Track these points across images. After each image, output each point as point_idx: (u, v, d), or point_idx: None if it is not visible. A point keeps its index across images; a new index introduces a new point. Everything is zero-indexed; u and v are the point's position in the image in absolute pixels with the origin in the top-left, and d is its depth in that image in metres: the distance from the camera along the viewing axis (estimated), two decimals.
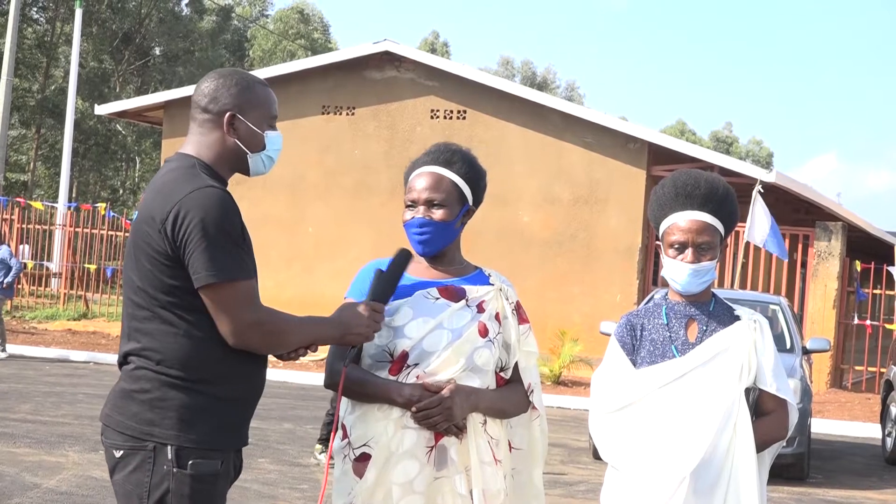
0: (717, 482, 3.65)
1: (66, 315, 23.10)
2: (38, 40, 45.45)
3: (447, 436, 3.41)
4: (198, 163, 3.30)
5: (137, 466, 3.20)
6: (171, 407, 3.18)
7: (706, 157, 19.77)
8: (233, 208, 3.19)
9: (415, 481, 3.38)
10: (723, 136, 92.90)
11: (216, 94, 3.34)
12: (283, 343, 3.26)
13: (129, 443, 3.22)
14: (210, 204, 3.14)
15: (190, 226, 3.12)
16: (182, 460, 3.16)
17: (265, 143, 3.39)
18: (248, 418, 3.35)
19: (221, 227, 3.13)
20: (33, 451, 9.46)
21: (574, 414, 15.04)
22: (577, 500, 9.15)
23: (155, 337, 3.21)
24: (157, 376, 3.20)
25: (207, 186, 3.18)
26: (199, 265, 3.12)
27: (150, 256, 3.19)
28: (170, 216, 3.15)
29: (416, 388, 3.39)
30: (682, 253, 3.76)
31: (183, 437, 3.17)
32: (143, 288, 3.22)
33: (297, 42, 61.62)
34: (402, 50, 20.98)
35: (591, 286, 19.71)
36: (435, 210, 3.54)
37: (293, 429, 11.58)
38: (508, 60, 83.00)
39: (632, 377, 3.78)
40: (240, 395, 3.27)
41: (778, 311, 12.27)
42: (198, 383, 3.19)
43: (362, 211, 20.83)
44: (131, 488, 3.22)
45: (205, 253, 3.11)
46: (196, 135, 3.37)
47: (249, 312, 3.17)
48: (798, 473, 10.91)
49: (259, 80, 3.43)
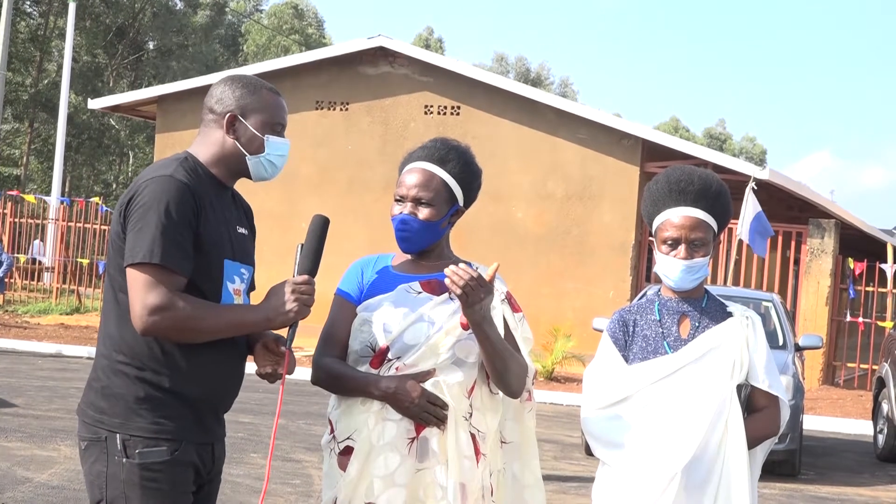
0: (709, 478, 3.65)
1: (58, 309, 23.07)
2: (31, 34, 45.34)
3: (428, 427, 3.39)
4: (188, 157, 3.34)
5: (97, 457, 3.22)
6: (118, 395, 3.20)
7: (700, 153, 19.79)
8: (184, 197, 3.18)
9: (396, 473, 3.37)
10: (716, 133, 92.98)
11: (222, 95, 3.39)
12: (196, 328, 3.18)
13: (88, 434, 3.25)
14: (161, 189, 3.17)
15: (135, 206, 3.18)
16: (130, 449, 3.17)
17: (265, 147, 3.38)
18: (206, 411, 3.30)
19: (161, 212, 3.14)
20: (25, 445, 9.44)
21: (567, 410, 15.05)
22: (570, 496, 9.15)
23: (111, 322, 3.26)
24: (109, 363, 3.23)
25: (166, 175, 3.21)
26: (128, 245, 3.16)
27: (112, 240, 3.26)
28: (126, 198, 3.23)
29: (391, 380, 3.38)
30: (675, 249, 3.76)
31: (129, 425, 3.18)
32: (109, 272, 3.28)
33: (291, 37, 61.57)
34: (396, 45, 20.97)
35: (585, 282, 19.72)
36: (421, 208, 3.50)
37: (285, 424, 11.57)
38: (503, 56, 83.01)
39: (624, 373, 3.78)
40: (182, 385, 3.23)
41: (771, 307, 12.29)
42: (144, 371, 3.19)
43: (356, 206, 20.82)
44: (93, 479, 3.25)
45: (136, 234, 3.15)
46: (200, 134, 3.43)
47: (154, 297, 3.12)
48: (790, 470, 10.93)
49: (268, 85, 3.43)
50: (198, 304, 3.19)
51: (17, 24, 41.29)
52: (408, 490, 3.37)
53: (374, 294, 3.53)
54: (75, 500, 7.59)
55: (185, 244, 3.17)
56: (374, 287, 3.56)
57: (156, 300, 3.12)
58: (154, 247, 3.12)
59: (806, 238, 19.44)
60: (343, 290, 3.60)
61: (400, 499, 3.36)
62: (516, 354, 3.49)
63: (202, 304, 3.20)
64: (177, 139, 21.25)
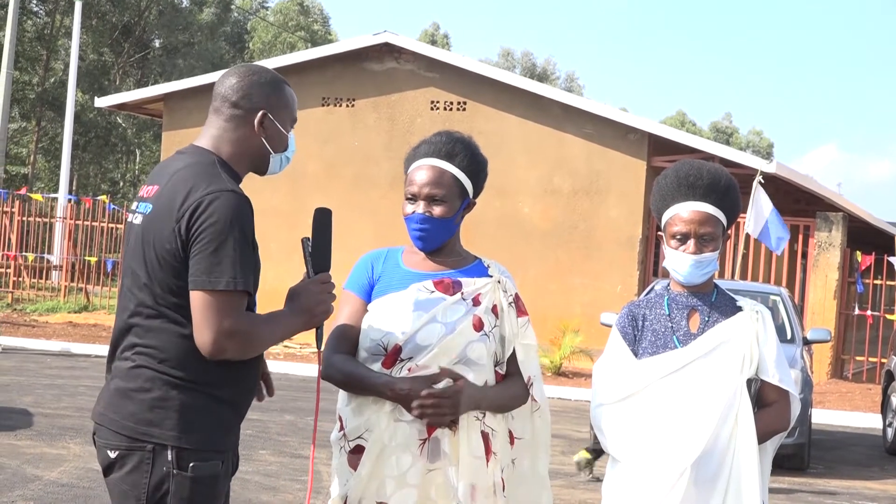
0: (719, 473, 3.64)
1: (66, 308, 23.09)
2: (37, 33, 45.38)
3: (440, 428, 3.39)
4: (217, 160, 3.23)
5: (135, 467, 3.14)
6: (172, 407, 3.12)
7: (706, 147, 19.75)
8: (250, 215, 3.13)
9: (408, 474, 3.36)
10: (723, 127, 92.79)
11: (249, 90, 3.28)
12: (256, 349, 3.19)
13: (125, 443, 3.15)
14: (229, 207, 3.07)
15: (203, 225, 3.04)
16: (182, 462, 3.11)
17: (287, 144, 3.36)
18: (242, 418, 3.32)
19: (234, 234, 3.06)
20: (35, 443, 9.46)
21: (574, 405, 15.04)
22: (578, 490, 9.15)
23: (158, 336, 3.15)
24: (159, 375, 3.13)
25: (229, 190, 3.10)
26: (201, 267, 3.05)
27: (160, 255, 3.12)
28: (185, 214, 3.07)
29: (405, 381, 3.36)
30: (685, 244, 3.75)
31: (184, 438, 3.12)
32: (149, 286, 3.15)
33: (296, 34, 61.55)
34: (401, 41, 20.95)
35: (592, 277, 19.70)
36: (435, 206, 3.49)
37: (294, 420, 11.58)
38: (509, 52, 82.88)
39: (633, 367, 3.77)
40: (237, 397, 3.23)
41: (778, 301, 12.27)
42: (199, 384, 3.14)
43: (362, 202, 20.82)
44: (127, 489, 3.16)
45: (211, 258, 3.04)
46: (217, 129, 3.30)
47: (229, 323, 3.06)
48: (799, 464, 10.92)
49: (285, 80, 3.39)
50: (255, 320, 3.16)
51: (23, 23, 41.34)
52: (419, 490, 3.36)
53: (385, 290, 3.52)
54: (85, 498, 7.60)
55: (257, 264, 3.16)
56: (385, 282, 3.54)
57: (231, 326, 3.06)
58: (236, 273, 3.05)
59: (813, 231, 19.40)
60: (352, 285, 3.59)
61: (411, 499, 3.36)
62: (511, 391, 3.52)
63: (257, 320, 3.18)
64: (183, 137, 21.24)
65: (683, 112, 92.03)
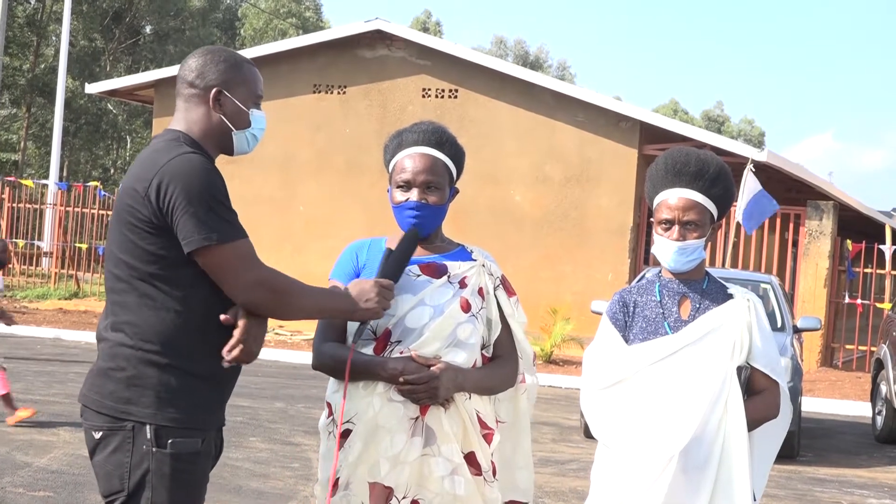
0: (709, 459, 3.65)
1: (57, 294, 23.05)
2: (28, 19, 45.18)
3: (433, 407, 3.41)
4: (182, 136, 3.27)
5: (117, 447, 3.15)
6: (148, 385, 3.13)
7: (698, 135, 19.77)
8: (215, 172, 3.17)
9: (402, 453, 3.39)
10: (714, 116, 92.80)
11: (203, 69, 3.31)
12: (291, 304, 3.22)
13: (107, 423, 3.16)
14: (192, 168, 3.12)
15: (175, 191, 3.08)
16: (161, 439, 3.12)
17: (250, 121, 3.36)
18: (226, 397, 3.31)
19: (207, 191, 3.10)
20: (24, 429, 9.45)
21: (565, 393, 15.06)
22: (568, 478, 9.16)
23: (132, 310, 3.16)
24: (134, 353, 3.14)
25: (188, 153, 3.16)
26: (189, 229, 3.08)
27: (132, 225, 3.15)
28: (152, 183, 3.11)
29: (399, 361, 3.39)
30: (669, 230, 3.76)
31: (161, 415, 3.12)
32: (123, 259, 3.18)
33: (288, 21, 61.38)
34: (393, 28, 20.92)
35: (583, 265, 19.72)
36: (430, 193, 3.54)
37: (285, 408, 11.58)
38: (501, 39, 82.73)
39: (624, 353, 3.78)
40: (218, 374, 3.21)
41: (769, 289, 12.29)
42: (176, 360, 3.14)
43: (354, 190, 20.80)
44: (111, 469, 3.17)
45: (194, 217, 3.07)
46: (181, 111, 3.34)
47: (251, 271, 3.13)
48: (788, 451, 10.93)
49: (246, 58, 3.41)
50: (292, 280, 3.22)
51: (13, 8, 41.17)
52: (414, 469, 3.39)
53: (372, 276, 3.53)
54: (74, 485, 7.60)
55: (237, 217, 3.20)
56: (371, 269, 3.56)
57: (255, 274, 3.13)
58: (226, 224, 3.11)
59: (804, 220, 19.43)
60: (338, 274, 3.61)
61: (405, 478, 3.39)
62: (498, 373, 3.55)
63: (295, 281, 3.23)
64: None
65: (676, 100, 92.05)
